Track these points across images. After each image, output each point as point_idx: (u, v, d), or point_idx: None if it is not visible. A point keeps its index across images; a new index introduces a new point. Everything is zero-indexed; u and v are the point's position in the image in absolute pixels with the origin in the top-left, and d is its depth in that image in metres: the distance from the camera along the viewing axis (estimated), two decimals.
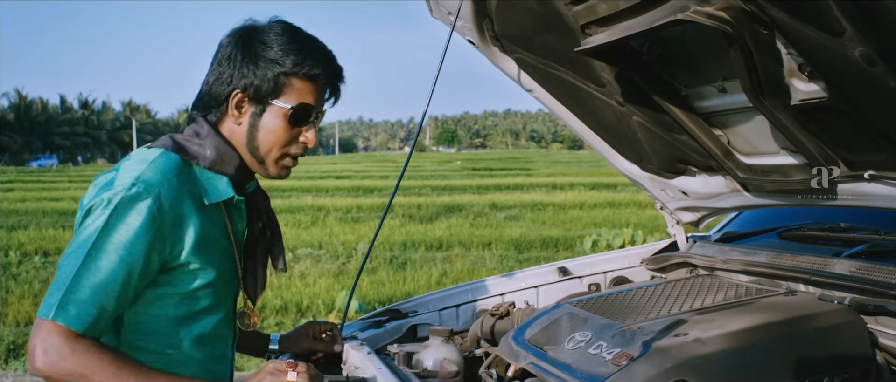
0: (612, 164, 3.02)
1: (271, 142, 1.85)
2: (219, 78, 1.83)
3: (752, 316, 2.08)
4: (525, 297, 3.05)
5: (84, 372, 1.62)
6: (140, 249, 1.67)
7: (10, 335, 7.73)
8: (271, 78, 1.80)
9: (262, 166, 1.89)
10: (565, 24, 2.29)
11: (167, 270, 1.76)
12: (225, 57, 1.83)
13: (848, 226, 2.76)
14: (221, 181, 1.84)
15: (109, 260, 1.65)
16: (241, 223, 1.94)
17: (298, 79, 1.82)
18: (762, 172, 2.41)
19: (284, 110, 1.83)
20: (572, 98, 2.72)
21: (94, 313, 1.65)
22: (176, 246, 1.73)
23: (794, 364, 1.96)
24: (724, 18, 1.72)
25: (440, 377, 2.38)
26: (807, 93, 1.87)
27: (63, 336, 1.62)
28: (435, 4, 2.60)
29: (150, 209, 1.67)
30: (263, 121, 1.84)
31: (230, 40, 1.85)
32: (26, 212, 20.17)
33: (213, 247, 1.82)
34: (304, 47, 1.83)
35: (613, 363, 1.91)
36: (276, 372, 1.76)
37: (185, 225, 1.74)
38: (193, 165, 1.82)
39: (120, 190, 1.68)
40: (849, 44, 1.60)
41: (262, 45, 1.81)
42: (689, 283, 2.57)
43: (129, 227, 1.66)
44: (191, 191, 1.78)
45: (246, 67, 1.80)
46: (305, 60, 1.82)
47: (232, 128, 1.86)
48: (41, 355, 1.62)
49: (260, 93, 1.81)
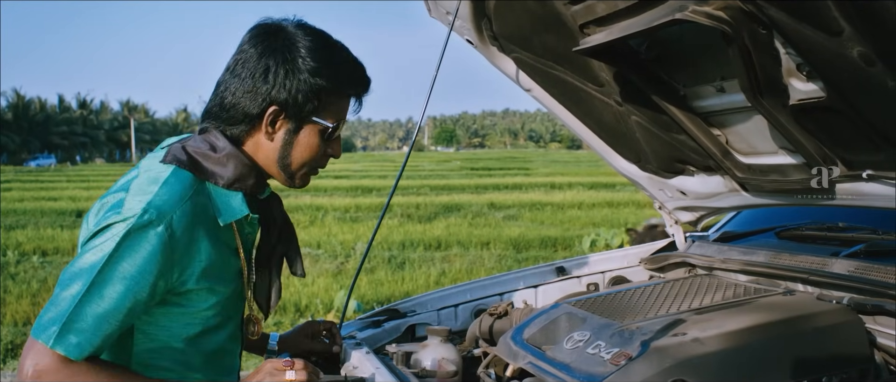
0: (611, 164, 3.02)
1: (305, 158, 1.82)
2: (252, 92, 1.73)
3: (751, 316, 2.08)
4: (523, 297, 3.05)
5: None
6: (148, 279, 1.61)
7: (8, 335, 7.71)
8: (314, 96, 1.74)
9: (290, 180, 1.85)
10: (564, 23, 2.28)
11: (176, 293, 1.71)
12: (260, 71, 1.73)
13: (846, 226, 2.76)
14: (236, 198, 1.77)
15: (115, 290, 1.58)
16: (252, 232, 1.89)
17: (338, 95, 1.80)
18: (760, 172, 2.41)
19: (323, 127, 1.80)
20: (571, 97, 2.72)
21: (97, 342, 1.59)
22: (184, 272, 1.68)
23: (793, 364, 1.96)
24: (722, 18, 1.72)
25: (438, 376, 2.38)
26: (805, 92, 1.87)
27: (56, 361, 1.57)
28: (433, 4, 2.60)
29: (160, 237, 1.61)
30: (299, 138, 1.79)
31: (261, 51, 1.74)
32: (24, 212, 20.15)
33: (224, 270, 1.78)
34: (343, 63, 1.80)
35: (612, 362, 1.91)
36: (275, 372, 1.75)
37: (195, 251, 1.68)
38: (207, 184, 1.74)
39: (131, 216, 1.60)
40: (847, 43, 1.60)
41: (301, 59, 1.73)
42: (687, 283, 2.57)
43: (139, 257, 1.59)
44: (203, 211, 1.71)
45: (283, 84, 1.72)
46: (347, 79, 1.80)
47: (259, 143, 1.80)
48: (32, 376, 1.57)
49: (300, 111, 1.75)
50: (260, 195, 1.89)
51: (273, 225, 1.94)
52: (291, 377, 1.74)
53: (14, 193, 27.27)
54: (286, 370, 1.74)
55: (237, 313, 1.92)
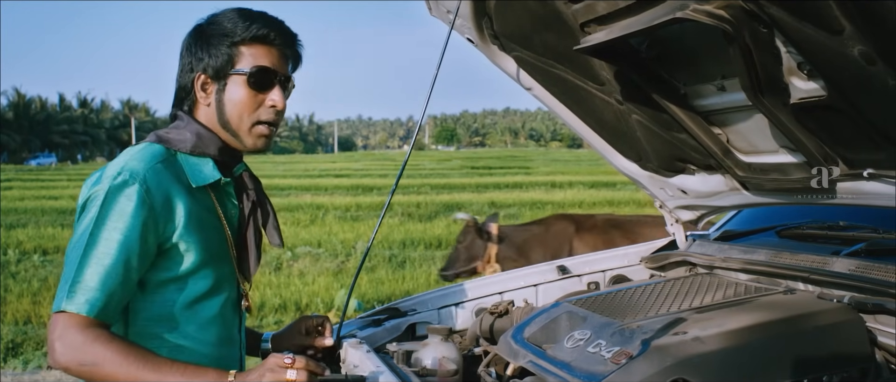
0: (612, 163, 3.02)
1: (239, 112, 1.92)
2: (182, 69, 1.95)
3: (751, 315, 2.08)
4: (524, 296, 3.05)
5: (96, 361, 1.68)
6: (136, 231, 1.74)
7: (8, 333, 7.72)
8: (224, 51, 1.89)
9: (238, 139, 1.95)
10: (564, 22, 2.28)
11: (163, 252, 1.82)
12: (184, 49, 1.94)
13: (847, 225, 2.75)
14: (206, 165, 1.92)
15: (109, 247, 1.72)
16: (232, 208, 2.00)
17: (247, 45, 1.91)
18: (761, 171, 2.40)
19: (242, 77, 1.90)
20: (571, 96, 2.72)
21: (103, 299, 1.71)
22: (168, 225, 1.80)
23: (793, 363, 1.96)
24: (723, 17, 1.72)
25: (439, 375, 2.38)
26: (806, 91, 1.87)
27: (77, 327, 1.68)
28: (434, 3, 2.60)
29: (138, 193, 1.75)
30: (227, 95, 1.92)
31: (188, 34, 1.96)
32: (25, 211, 20.16)
33: (205, 228, 1.89)
34: (249, 15, 1.92)
35: (612, 361, 1.91)
36: (276, 369, 1.77)
37: (175, 205, 1.81)
38: (177, 154, 1.90)
39: (107, 180, 1.77)
40: (848, 42, 1.60)
41: (211, 25, 1.92)
42: (688, 282, 2.57)
43: (123, 212, 1.74)
44: (176, 176, 1.85)
45: (201, 50, 1.90)
46: (252, 25, 1.90)
47: (205, 112, 1.95)
48: (60, 349, 1.69)
49: (217, 69, 1.90)
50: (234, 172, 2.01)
51: (247, 199, 2.03)
52: (292, 376, 1.76)
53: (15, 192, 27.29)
54: (288, 368, 1.76)
55: (229, 281, 1.99)
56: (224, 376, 1.78)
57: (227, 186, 1.97)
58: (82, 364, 1.68)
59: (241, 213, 2.03)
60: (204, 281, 1.90)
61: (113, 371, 1.69)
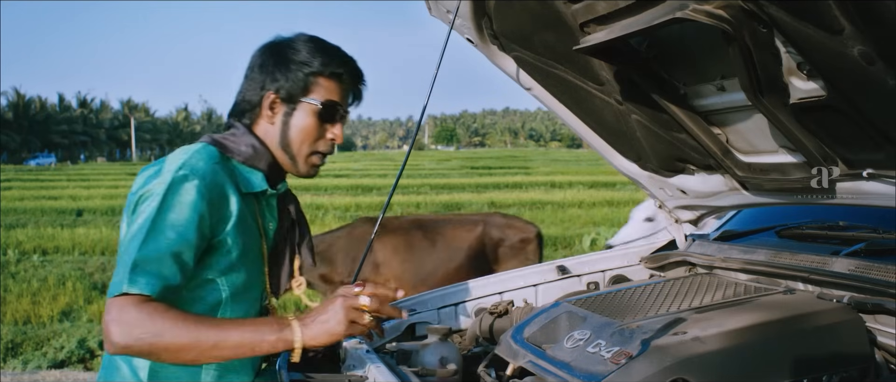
0: (611, 163, 3.02)
1: (302, 139, 2.01)
2: (251, 85, 2.01)
3: (751, 315, 2.08)
4: (524, 296, 3.05)
5: (157, 332, 1.68)
6: (194, 224, 1.78)
7: (8, 334, 7.72)
8: (301, 78, 1.97)
9: (293, 163, 2.04)
10: (564, 22, 2.28)
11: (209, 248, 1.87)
12: (257, 66, 2.01)
13: (847, 225, 2.76)
14: (256, 175, 1.99)
15: (168, 237, 1.76)
16: (272, 222, 2.07)
17: (325, 78, 1.99)
18: (761, 171, 2.41)
19: (314, 107, 1.99)
20: (571, 96, 2.72)
21: (160, 285, 1.72)
22: (221, 220, 1.86)
23: (793, 363, 1.96)
24: (722, 17, 1.72)
25: (439, 375, 2.38)
26: (805, 91, 1.87)
27: (133, 306, 1.69)
28: (434, 3, 2.60)
29: (198, 188, 1.80)
30: (295, 120, 2.00)
31: (261, 52, 2.02)
32: (25, 211, 20.17)
33: (249, 231, 1.96)
34: (328, 51, 2.01)
35: (612, 361, 1.91)
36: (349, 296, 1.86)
37: (228, 203, 1.88)
38: (231, 159, 1.97)
39: (169, 174, 1.81)
40: (848, 42, 1.60)
41: (291, 50, 1.99)
42: (687, 282, 2.57)
43: (183, 204, 1.78)
44: (230, 178, 1.92)
45: (278, 71, 1.97)
46: (331, 61, 1.99)
47: (266, 129, 2.02)
48: (117, 330, 1.67)
49: (291, 93, 1.98)
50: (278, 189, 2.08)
51: (287, 217, 2.12)
52: (365, 302, 1.86)
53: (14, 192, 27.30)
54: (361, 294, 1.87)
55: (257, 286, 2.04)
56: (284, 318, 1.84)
57: (270, 198, 2.06)
58: (140, 338, 1.67)
59: (279, 230, 2.10)
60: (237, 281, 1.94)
61: (173, 339, 1.69)
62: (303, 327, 1.81)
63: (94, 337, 7.37)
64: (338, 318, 1.83)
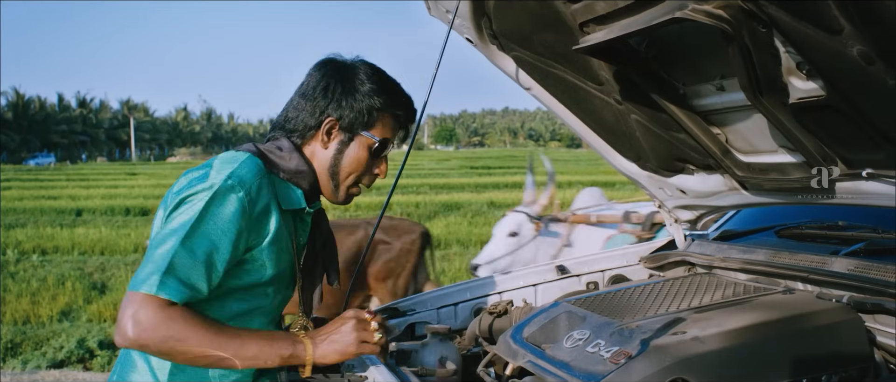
0: (611, 163, 3.02)
1: (352, 169, 2.04)
2: (312, 106, 2.01)
3: (751, 315, 2.08)
4: (523, 296, 3.05)
5: (180, 337, 1.71)
6: (231, 237, 1.80)
7: (7, 333, 7.72)
8: (365, 111, 2.00)
9: (335, 190, 2.06)
10: (563, 22, 2.28)
11: (243, 260, 1.89)
12: (321, 88, 2.00)
13: (846, 225, 2.76)
14: (296, 192, 2.00)
15: (204, 245, 1.77)
16: (303, 237, 2.09)
17: (387, 115, 2.03)
18: (760, 170, 2.41)
19: (371, 142, 2.03)
20: (570, 96, 2.72)
21: (188, 292, 1.75)
22: (258, 236, 1.88)
23: (792, 363, 1.96)
24: (722, 17, 1.72)
25: (438, 375, 2.38)
26: (805, 91, 1.87)
27: (155, 306, 1.71)
28: (433, 3, 2.59)
29: (241, 201, 1.82)
30: (350, 150, 2.03)
31: (324, 73, 2.02)
32: (24, 211, 20.16)
33: (283, 247, 1.97)
34: (394, 89, 2.06)
35: (611, 361, 1.91)
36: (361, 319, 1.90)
37: (268, 219, 1.89)
38: (274, 174, 1.97)
39: (217, 181, 1.82)
40: (847, 42, 1.60)
41: (358, 80, 2.00)
42: (687, 282, 2.57)
43: (224, 216, 1.80)
44: (272, 194, 1.93)
45: (344, 99, 1.99)
46: (396, 101, 2.05)
47: (315, 151, 2.04)
48: (133, 326, 1.69)
49: (352, 124, 2.00)
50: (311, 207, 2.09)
51: (318, 236, 2.15)
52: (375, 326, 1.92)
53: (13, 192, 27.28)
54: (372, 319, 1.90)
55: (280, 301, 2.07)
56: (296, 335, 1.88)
57: (307, 216, 2.08)
58: (166, 339, 1.70)
59: (311, 248, 2.14)
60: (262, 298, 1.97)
61: (196, 344, 1.73)
62: (315, 345, 1.87)
63: (93, 337, 7.37)
64: (350, 338, 1.87)
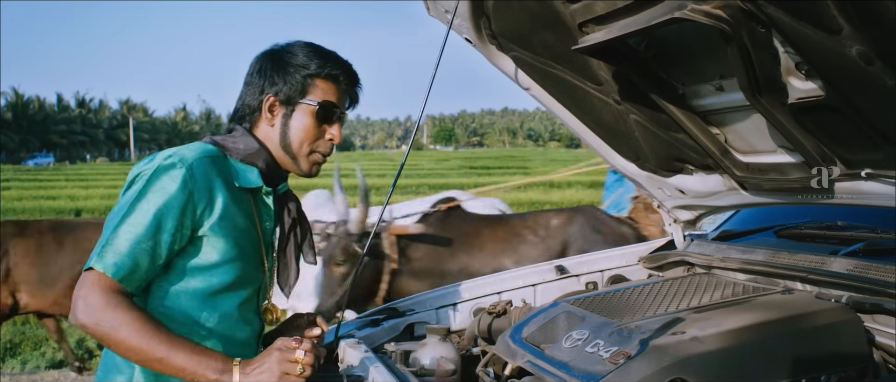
0: (610, 162, 3.02)
1: (302, 139, 2.07)
2: (251, 90, 2.08)
3: (750, 315, 2.09)
4: (522, 296, 3.05)
5: (113, 325, 1.77)
6: (173, 210, 1.86)
7: (7, 334, 7.71)
8: (299, 81, 2.04)
9: (295, 162, 2.10)
10: (562, 22, 2.28)
11: (195, 239, 1.93)
12: (256, 71, 2.08)
13: (845, 225, 2.76)
14: (252, 172, 2.05)
15: (144, 218, 1.84)
16: (268, 221, 2.12)
17: (321, 79, 2.07)
18: (759, 171, 2.41)
19: (312, 108, 2.06)
20: (570, 96, 2.72)
21: (130, 264, 1.82)
22: (204, 213, 1.92)
23: (792, 363, 1.96)
24: (721, 17, 1.72)
25: (437, 375, 2.38)
26: (804, 91, 1.87)
27: (102, 289, 1.78)
28: (432, 3, 2.59)
29: (183, 176, 1.87)
30: (293, 121, 2.07)
31: (259, 58, 2.10)
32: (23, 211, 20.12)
33: (238, 226, 2.00)
34: (325, 54, 2.10)
35: (610, 361, 1.91)
36: (286, 349, 1.86)
37: (214, 197, 1.93)
38: (228, 157, 2.04)
39: (158, 160, 1.91)
40: (846, 42, 1.60)
41: (288, 55, 2.07)
42: (686, 282, 2.57)
43: (164, 190, 1.86)
44: (222, 172, 1.98)
45: (276, 75, 2.05)
46: (327, 63, 2.07)
47: (266, 131, 2.09)
48: (82, 307, 1.78)
49: (289, 95, 2.05)
50: (278, 189, 2.16)
51: (288, 216, 2.19)
52: (300, 356, 1.85)
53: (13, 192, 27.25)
54: (296, 348, 1.86)
55: (252, 283, 2.09)
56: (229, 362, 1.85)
57: (266, 196, 2.10)
58: (99, 324, 1.77)
59: (281, 229, 2.18)
60: (227, 276, 1.99)
61: (127, 337, 1.77)
62: (242, 374, 1.85)
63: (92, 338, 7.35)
64: (274, 370, 1.85)
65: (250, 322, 2.10)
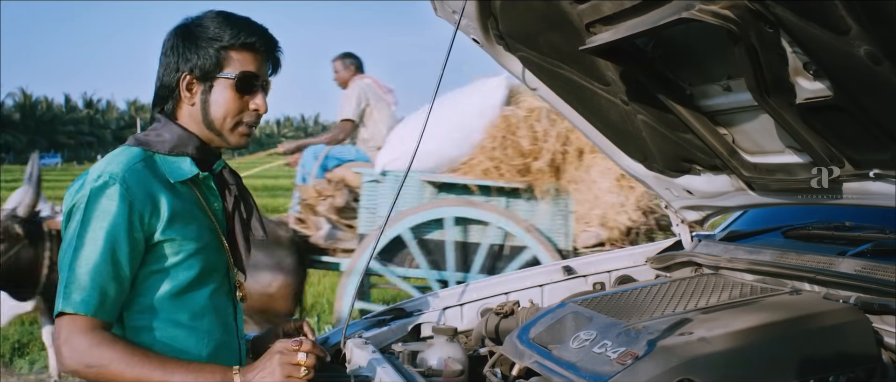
0: (617, 163, 3.02)
1: (224, 113, 2.00)
2: (166, 69, 2.00)
3: (757, 315, 2.08)
4: (530, 296, 3.05)
5: (102, 363, 1.76)
6: (121, 228, 1.82)
7: (15, 334, 7.74)
8: (213, 54, 1.97)
9: (221, 138, 2.04)
10: (570, 22, 2.28)
11: (151, 247, 1.90)
12: (169, 48, 2.00)
13: (853, 225, 2.75)
14: (184, 162, 1.99)
15: (95, 246, 1.80)
16: (215, 201, 2.09)
17: (236, 50, 1.99)
18: (767, 171, 2.40)
19: (230, 81, 1.98)
20: (577, 96, 2.72)
21: (97, 296, 1.79)
22: (152, 220, 1.88)
23: (799, 363, 1.96)
24: (729, 17, 1.72)
25: (444, 376, 2.38)
26: (812, 91, 1.87)
27: (81, 331, 1.77)
28: (439, 3, 2.60)
29: (119, 192, 1.83)
30: (213, 96, 1.99)
31: (171, 34, 2.02)
32: None
33: (190, 221, 1.97)
34: (237, 22, 2.01)
35: (618, 362, 1.91)
36: (286, 352, 1.86)
37: (157, 201, 1.89)
38: (155, 154, 1.98)
39: (89, 185, 1.85)
40: (854, 42, 1.60)
41: (199, 28, 1.99)
42: (693, 282, 2.57)
43: (106, 212, 1.82)
44: (155, 174, 1.93)
45: (189, 51, 1.97)
46: (240, 32, 1.98)
47: (188, 112, 2.02)
48: (68, 353, 1.77)
49: (205, 71, 1.97)
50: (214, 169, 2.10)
51: (229, 194, 2.13)
52: (302, 358, 1.85)
53: None
54: (297, 350, 1.86)
55: (218, 270, 2.07)
56: (228, 371, 1.86)
57: (206, 180, 2.06)
58: (89, 366, 1.76)
59: (225, 208, 2.12)
60: (190, 271, 1.97)
61: (121, 371, 1.76)
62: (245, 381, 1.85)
63: None
64: (276, 373, 1.84)
65: (226, 309, 2.10)
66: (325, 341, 2.56)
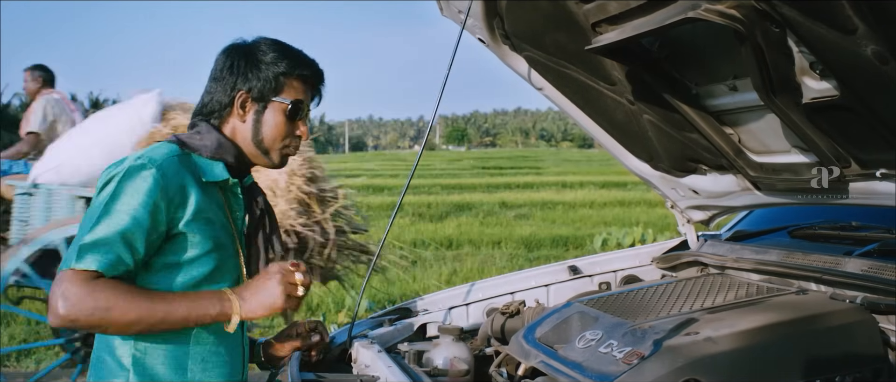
0: (623, 163, 3.02)
1: (274, 135, 2.12)
2: (223, 86, 2.10)
3: (763, 315, 2.08)
4: (535, 296, 3.05)
5: (107, 306, 1.78)
6: (147, 208, 1.86)
7: (21, 333, 7.77)
8: (271, 79, 2.08)
9: (267, 156, 2.14)
10: (576, 22, 2.28)
11: (171, 237, 1.95)
12: (227, 67, 2.10)
13: (859, 225, 2.75)
14: (218, 166, 2.07)
15: (120, 217, 1.84)
16: (238, 210, 2.16)
17: (293, 79, 2.11)
18: (773, 171, 2.40)
19: (284, 106, 2.10)
20: (583, 96, 2.72)
21: (109, 259, 1.82)
22: (179, 210, 1.93)
23: (806, 363, 1.95)
24: (735, 17, 1.72)
25: (450, 375, 2.39)
26: (818, 91, 1.87)
27: (80, 280, 1.78)
28: (445, 3, 2.60)
29: (154, 176, 1.89)
30: (266, 117, 2.10)
31: (228, 55, 2.13)
32: None
33: (212, 220, 2.02)
34: (295, 54, 2.14)
35: (624, 361, 1.91)
36: (286, 272, 1.96)
37: (187, 194, 1.95)
38: (192, 154, 2.06)
39: (128, 162, 1.91)
40: (861, 42, 1.60)
41: (260, 52, 2.10)
42: (699, 282, 2.57)
43: (137, 189, 1.87)
44: (191, 170, 2.00)
45: (250, 72, 2.08)
46: (299, 64, 2.12)
47: (235, 126, 2.12)
48: (62, 302, 1.76)
49: (262, 93, 2.08)
50: (244, 182, 2.19)
51: (256, 206, 2.23)
52: (300, 278, 1.97)
53: None
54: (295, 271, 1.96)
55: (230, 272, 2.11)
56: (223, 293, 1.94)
57: (234, 187, 2.13)
58: (93, 311, 1.77)
59: (251, 219, 2.21)
60: (203, 268, 2.01)
61: (123, 313, 1.80)
62: (242, 301, 1.93)
63: None
64: (276, 291, 1.93)
65: None
66: (332, 341, 2.56)
